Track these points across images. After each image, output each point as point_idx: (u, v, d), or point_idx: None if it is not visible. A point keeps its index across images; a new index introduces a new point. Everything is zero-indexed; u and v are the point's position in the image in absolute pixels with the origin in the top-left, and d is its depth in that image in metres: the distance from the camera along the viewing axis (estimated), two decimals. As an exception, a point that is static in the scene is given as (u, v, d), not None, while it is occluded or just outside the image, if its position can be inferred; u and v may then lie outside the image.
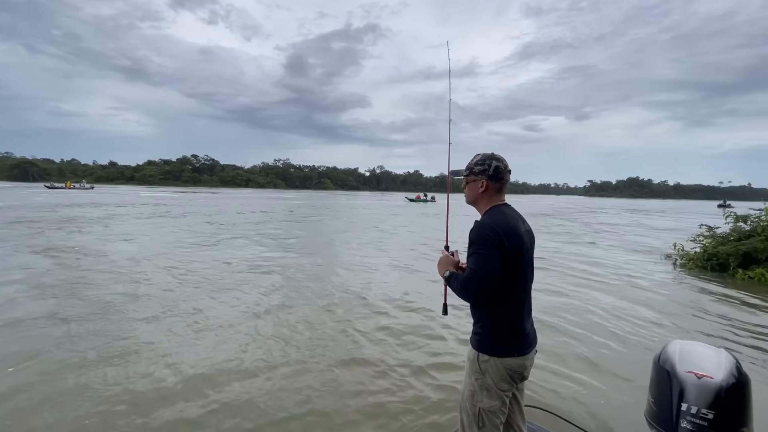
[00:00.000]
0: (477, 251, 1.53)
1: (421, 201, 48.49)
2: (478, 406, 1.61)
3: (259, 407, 2.87)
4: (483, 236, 1.53)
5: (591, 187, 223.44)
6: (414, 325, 4.67)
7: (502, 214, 1.63)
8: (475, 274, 1.52)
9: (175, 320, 4.56)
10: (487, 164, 1.67)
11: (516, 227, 1.59)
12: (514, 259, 1.55)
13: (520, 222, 1.66)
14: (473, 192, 1.72)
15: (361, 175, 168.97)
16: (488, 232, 1.53)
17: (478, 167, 1.69)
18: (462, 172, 1.78)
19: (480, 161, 1.70)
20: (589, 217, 28.41)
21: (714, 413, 1.45)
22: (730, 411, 1.45)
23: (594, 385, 3.37)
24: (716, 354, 1.66)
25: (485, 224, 1.57)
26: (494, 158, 1.68)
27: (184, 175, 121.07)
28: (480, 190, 1.69)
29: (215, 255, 8.74)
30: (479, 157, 1.72)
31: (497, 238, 1.51)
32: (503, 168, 1.68)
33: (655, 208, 51.61)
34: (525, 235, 1.63)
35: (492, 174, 1.66)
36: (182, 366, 3.44)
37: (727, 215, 9.52)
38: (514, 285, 1.59)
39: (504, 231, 1.54)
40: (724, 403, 1.45)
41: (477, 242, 1.54)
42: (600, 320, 5.05)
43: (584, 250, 11.53)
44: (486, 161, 1.68)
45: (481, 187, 1.68)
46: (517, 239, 1.57)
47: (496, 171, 1.66)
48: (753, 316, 5.44)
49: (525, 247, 1.60)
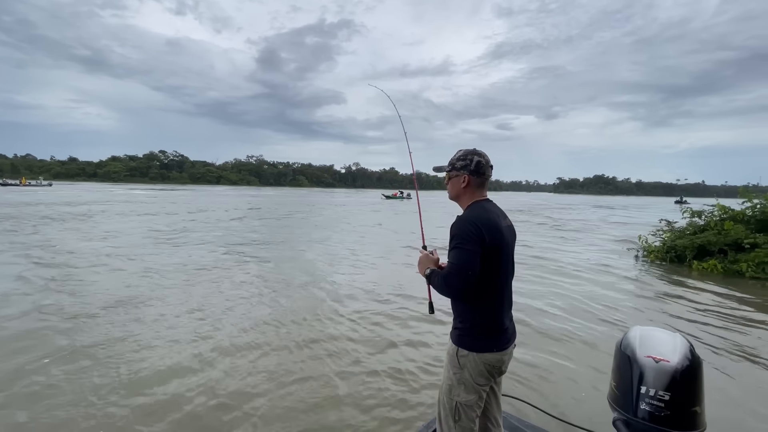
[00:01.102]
0: (457, 246, 1.53)
1: (397, 198, 48.68)
2: (455, 399, 1.62)
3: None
4: (463, 231, 1.53)
5: (560, 184, 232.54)
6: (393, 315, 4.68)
7: (483, 209, 1.62)
8: (455, 269, 1.52)
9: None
10: (468, 159, 1.67)
11: (497, 222, 1.59)
12: (494, 254, 1.55)
13: (501, 218, 1.66)
14: (455, 187, 1.71)
15: (336, 172, 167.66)
16: (469, 226, 1.53)
17: (460, 162, 1.68)
18: (444, 168, 1.77)
19: (462, 156, 1.69)
20: (559, 213, 29.49)
21: (670, 394, 1.52)
22: (684, 392, 1.53)
23: (564, 373, 3.50)
24: (672, 338, 1.75)
25: (466, 219, 1.57)
26: (476, 153, 1.68)
27: (151, 172, 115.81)
28: (462, 186, 1.68)
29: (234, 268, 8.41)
30: (461, 153, 1.71)
31: (478, 233, 1.51)
32: (485, 163, 1.67)
33: (620, 204, 54.52)
34: (506, 230, 1.63)
35: (473, 169, 1.65)
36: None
37: (684, 211, 10.14)
38: (494, 280, 1.59)
39: (484, 226, 1.54)
40: (679, 385, 1.53)
41: (458, 237, 1.54)
42: (570, 309, 5.26)
43: (555, 243, 11.96)
44: (467, 156, 1.68)
45: (463, 182, 1.67)
46: (498, 234, 1.56)
47: (478, 166, 1.66)
48: (705, 303, 5.82)
49: (505, 243, 1.60)
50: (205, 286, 5.96)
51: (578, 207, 41.09)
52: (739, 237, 8.07)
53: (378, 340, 4.12)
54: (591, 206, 44.16)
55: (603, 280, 7.20)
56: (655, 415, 1.53)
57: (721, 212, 9.19)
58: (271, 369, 3.42)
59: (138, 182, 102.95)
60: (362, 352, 3.81)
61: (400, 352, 3.86)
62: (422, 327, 4.49)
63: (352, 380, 3.26)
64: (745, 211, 8.77)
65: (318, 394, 3.04)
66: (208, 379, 3.19)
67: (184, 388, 3.04)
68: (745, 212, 8.76)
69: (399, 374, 3.39)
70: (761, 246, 7.67)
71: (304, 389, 3.09)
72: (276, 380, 3.22)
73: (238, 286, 5.99)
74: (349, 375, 3.36)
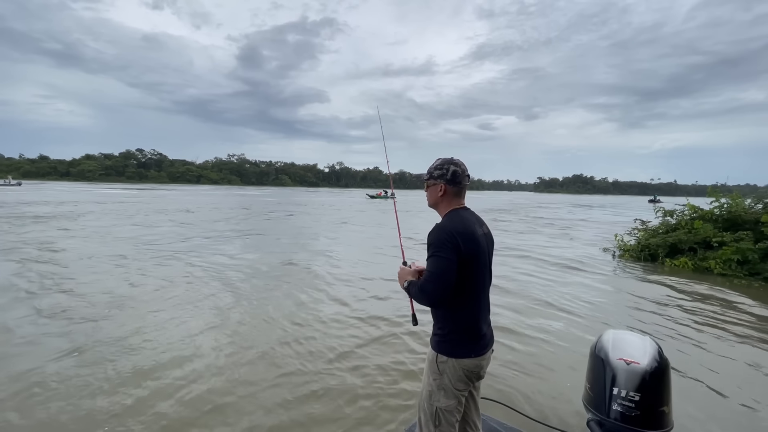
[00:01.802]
0: (434, 254, 1.57)
1: (382, 198, 48.71)
2: (435, 405, 1.65)
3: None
4: (439, 239, 1.56)
5: (540, 183, 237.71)
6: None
7: (459, 217, 1.66)
8: (431, 276, 1.56)
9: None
10: (445, 169, 1.70)
11: (472, 231, 1.62)
12: (469, 262, 1.58)
13: (478, 225, 1.70)
14: (433, 195, 1.75)
15: (320, 171, 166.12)
16: (444, 235, 1.56)
17: (437, 172, 1.72)
18: (423, 176, 1.80)
19: (439, 166, 1.73)
20: (541, 212, 30.16)
21: (640, 395, 1.60)
22: (653, 392, 1.61)
23: (541, 374, 3.59)
24: (642, 341, 1.83)
25: (442, 228, 1.60)
26: (452, 163, 1.71)
27: (128, 171, 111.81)
28: (439, 194, 1.71)
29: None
30: (439, 162, 1.74)
31: (453, 241, 1.54)
32: (461, 173, 1.70)
33: (598, 203, 56.23)
34: (482, 238, 1.66)
35: (450, 178, 1.69)
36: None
37: (657, 210, 10.55)
38: (471, 287, 1.63)
39: (460, 234, 1.57)
40: (649, 386, 1.61)
41: (434, 245, 1.57)
42: (547, 309, 5.40)
43: (536, 241, 12.23)
44: (444, 166, 1.71)
45: (440, 191, 1.71)
46: (473, 242, 1.60)
47: (454, 175, 1.69)
48: (676, 300, 6.08)
49: (481, 250, 1.64)
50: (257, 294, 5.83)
51: (559, 206, 42.12)
52: (708, 235, 8.46)
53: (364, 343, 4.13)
54: (571, 205, 45.35)
55: (579, 280, 7.41)
56: (626, 415, 1.60)
57: (691, 212, 9.61)
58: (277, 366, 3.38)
59: (114, 181, 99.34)
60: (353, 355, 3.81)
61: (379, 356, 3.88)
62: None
63: (336, 382, 3.27)
64: (713, 211, 9.19)
65: (300, 391, 3.03)
66: (202, 375, 3.14)
67: (173, 383, 2.99)
68: (713, 212, 9.18)
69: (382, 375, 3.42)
70: (728, 244, 8.06)
71: (296, 385, 3.08)
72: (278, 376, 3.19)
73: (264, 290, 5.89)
74: (333, 378, 3.36)
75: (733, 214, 8.76)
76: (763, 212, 8.32)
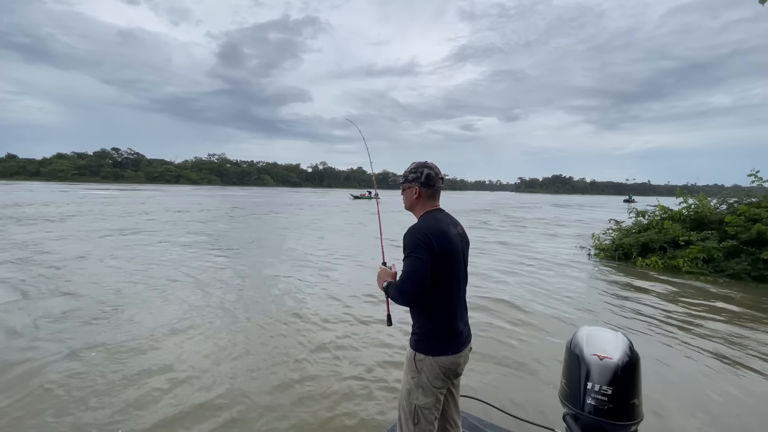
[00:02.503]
0: (409, 255, 1.61)
1: (366, 198, 48.65)
2: (414, 403, 1.68)
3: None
4: (413, 240, 1.61)
5: (521, 183, 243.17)
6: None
7: (433, 218, 1.71)
8: (406, 277, 1.60)
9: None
10: (419, 172, 1.76)
11: (445, 231, 1.67)
12: (443, 262, 1.62)
13: (452, 226, 1.74)
14: (409, 198, 1.81)
15: (303, 171, 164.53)
16: (418, 236, 1.61)
17: (412, 175, 1.77)
18: (399, 179, 1.86)
19: (413, 169, 1.78)
20: (522, 212, 30.82)
21: (612, 389, 1.68)
22: (624, 386, 1.69)
23: (520, 370, 3.70)
24: (615, 337, 1.92)
25: (416, 229, 1.65)
26: (426, 166, 1.77)
27: (103, 171, 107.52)
28: (414, 197, 1.77)
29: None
30: (413, 166, 1.80)
31: (427, 242, 1.59)
32: (434, 175, 1.76)
33: (576, 203, 57.96)
34: (455, 238, 1.71)
35: (424, 181, 1.75)
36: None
37: (630, 210, 10.97)
38: (446, 286, 1.67)
39: (433, 235, 1.61)
40: (620, 380, 1.69)
41: (409, 246, 1.62)
42: (525, 306, 5.55)
43: (517, 240, 12.52)
44: (418, 169, 1.77)
45: (415, 193, 1.76)
46: (447, 242, 1.64)
47: (428, 178, 1.75)
48: (647, 297, 6.36)
49: (455, 250, 1.68)
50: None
51: (540, 206, 43.15)
52: (677, 235, 8.87)
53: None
54: (551, 205, 46.53)
55: (556, 279, 7.64)
56: (599, 408, 1.68)
57: (661, 212, 10.04)
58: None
59: (88, 181, 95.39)
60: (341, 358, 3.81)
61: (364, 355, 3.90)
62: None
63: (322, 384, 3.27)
64: (681, 211, 9.64)
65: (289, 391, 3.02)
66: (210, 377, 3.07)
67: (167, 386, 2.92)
68: (681, 212, 9.63)
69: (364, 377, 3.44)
70: (694, 243, 8.48)
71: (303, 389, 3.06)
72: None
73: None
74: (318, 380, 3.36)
75: (700, 215, 9.22)
76: (727, 213, 8.80)
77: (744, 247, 7.99)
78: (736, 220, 8.23)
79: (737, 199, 9.17)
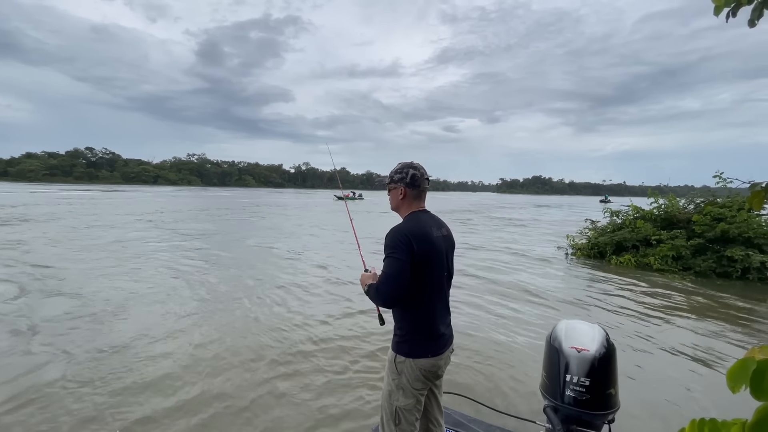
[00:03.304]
0: (388, 255, 1.60)
1: (349, 199, 48.50)
2: (394, 404, 1.69)
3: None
4: (393, 241, 1.60)
5: (502, 184, 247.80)
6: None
7: (416, 219, 1.70)
8: (385, 277, 1.59)
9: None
10: (404, 173, 1.75)
11: (427, 232, 1.65)
12: (424, 263, 1.61)
13: (435, 228, 1.72)
14: (395, 199, 1.79)
15: (285, 172, 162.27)
16: (399, 236, 1.60)
17: (397, 176, 1.76)
18: (385, 180, 1.84)
19: (399, 170, 1.77)
20: (504, 212, 31.43)
21: (590, 380, 1.76)
22: (601, 377, 1.78)
23: (501, 366, 3.80)
24: (591, 329, 2.01)
25: (397, 230, 1.64)
26: (411, 167, 1.76)
27: (76, 171, 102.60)
28: (400, 198, 1.76)
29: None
30: (399, 166, 1.79)
31: (406, 243, 1.57)
32: (420, 176, 1.75)
33: (556, 203, 59.60)
34: (438, 240, 1.69)
35: (409, 182, 1.73)
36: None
37: (605, 210, 11.36)
38: (427, 288, 1.65)
39: (413, 236, 1.60)
40: (597, 371, 1.78)
41: (389, 247, 1.61)
42: (505, 302, 5.70)
43: (497, 240, 12.77)
44: (404, 170, 1.76)
45: (400, 194, 1.75)
46: (428, 244, 1.62)
47: (413, 179, 1.73)
48: (621, 293, 6.63)
49: (436, 251, 1.66)
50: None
51: (522, 206, 44.13)
52: (648, 234, 9.27)
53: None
54: (532, 205, 47.60)
55: (534, 278, 7.85)
56: (578, 399, 1.76)
57: (634, 212, 10.47)
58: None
59: (60, 182, 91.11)
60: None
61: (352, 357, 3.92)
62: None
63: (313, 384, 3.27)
64: (652, 211, 10.08)
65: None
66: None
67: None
68: (652, 212, 10.06)
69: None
70: (664, 241, 8.88)
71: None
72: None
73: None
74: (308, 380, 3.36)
75: (669, 214, 9.67)
76: (695, 212, 9.25)
77: (710, 245, 8.43)
78: (702, 220, 8.67)
79: (703, 199, 9.66)
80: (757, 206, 0.97)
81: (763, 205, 0.97)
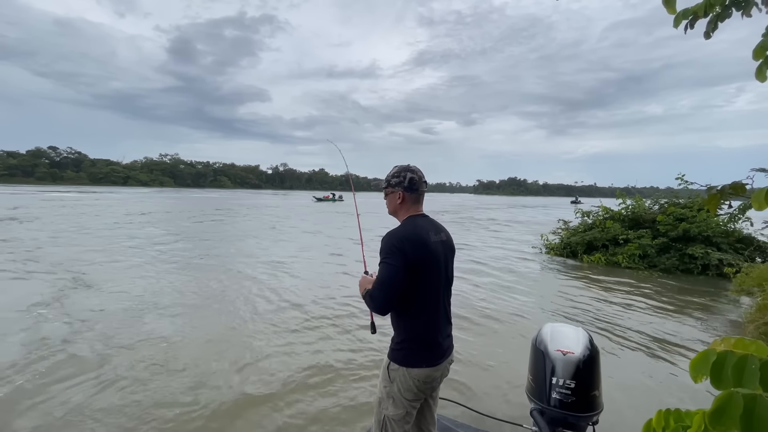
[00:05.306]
0: (383, 261, 1.57)
1: (329, 200, 48.07)
2: (383, 413, 1.66)
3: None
4: (387, 246, 1.56)
5: (479, 186, 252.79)
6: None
7: (413, 224, 1.65)
8: (378, 283, 1.56)
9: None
10: (402, 176, 1.71)
11: (423, 237, 1.60)
12: (419, 269, 1.56)
13: (433, 232, 1.67)
14: (392, 203, 1.75)
15: (263, 173, 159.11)
16: (393, 241, 1.56)
17: (395, 179, 1.72)
18: (382, 184, 1.80)
19: (396, 173, 1.73)
20: (483, 213, 32.06)
21: (575, 382, 1.82)
22: (586, 378, 1.84)
23: (488, 370, 3.88)
24: (575, 332, 2.08)
25: (392, 235, 1.60)
26: (409, 170, 1.72)
27: (38, 171, 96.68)
28: (398, 202, 1.72)
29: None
30: (396, 170, 1.75)
31: (400, 248, 1.54)
32: (418, 179, 1.71)
33: (531, 204, 61.39)
34: (436, 245, 1.64)
35: (407, 186, 1.69)
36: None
37: (576, 211, 11.80)
38: (424, 295, 1.60)
39: (408, 241, 1.56)
40: (582, 373, 1.84)
41: (383, 252, 1.57)
42: (486, 302, 5.82)
43: (474, 241, 13.00)
44: (401, 173, 1.72)
45: (398, 198, 1.71)
46: (423, 249, 1.57)
47: (411, 182, 1.70)
48: (591, 290, 6.92)
49: (433, 257, 1.61)
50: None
51: (499, 207, 45.18)
52: (617, 233, 9.72)
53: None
54: (509, 206, 48.78)
55: (511, 278, 8.02)
56: (564, 402, 1.81)
57: (604, 213, 10.94)
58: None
59: (21, 183, 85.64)
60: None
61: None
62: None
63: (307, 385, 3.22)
64: (620, 212, 10.57)
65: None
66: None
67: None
68: (621, 212, 10.55)
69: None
70: (632, 240, 9.34)
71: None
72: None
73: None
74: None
75: (636, 215, 10.17)
76: (659, 213, 9.77)
77: (673, 243, 8.94)
78: (665, 220, 9.19)
79: (667, 200, 10.23)
80: (713, 209, 1.04)
81: (719, 207, 1.04)
